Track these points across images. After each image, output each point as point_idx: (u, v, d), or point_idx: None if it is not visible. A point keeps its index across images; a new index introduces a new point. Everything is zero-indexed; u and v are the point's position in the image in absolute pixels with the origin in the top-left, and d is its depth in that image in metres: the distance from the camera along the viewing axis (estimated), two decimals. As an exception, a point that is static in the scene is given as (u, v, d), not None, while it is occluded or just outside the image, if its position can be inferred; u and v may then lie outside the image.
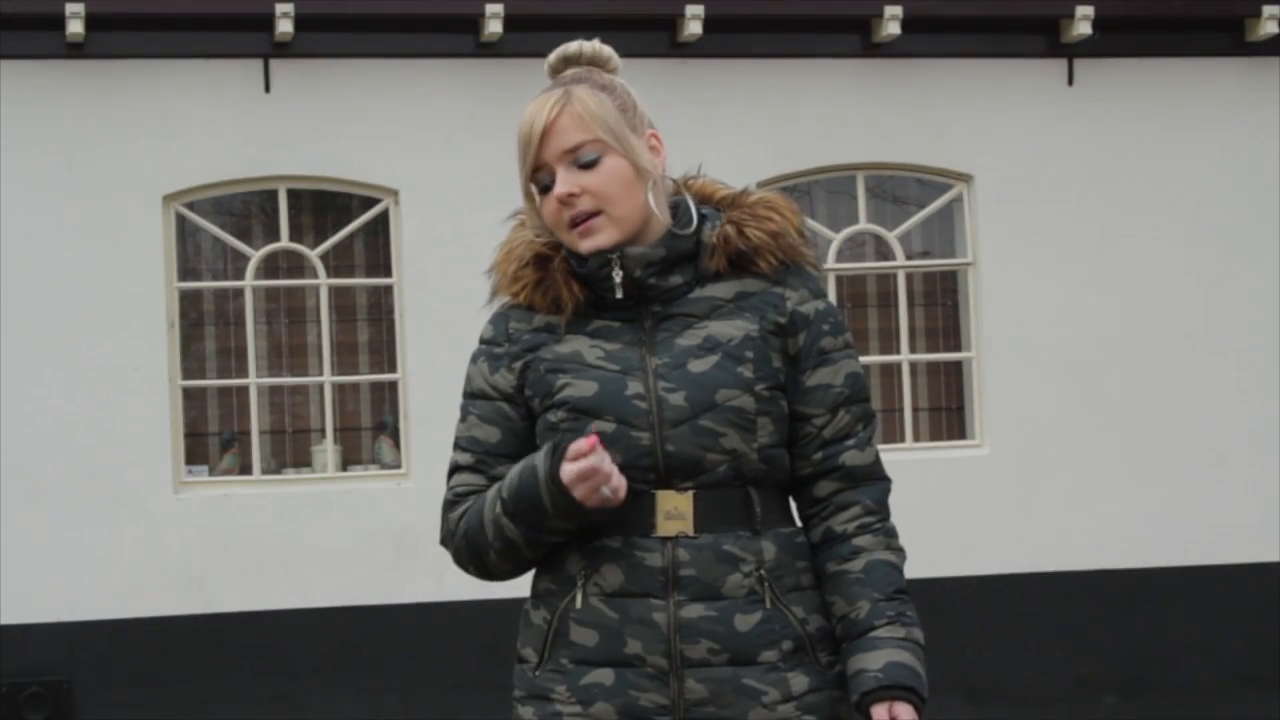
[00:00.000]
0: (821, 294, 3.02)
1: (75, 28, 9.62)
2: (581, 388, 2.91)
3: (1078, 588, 10.48)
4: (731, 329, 2.94)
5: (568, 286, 2.95)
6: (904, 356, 10.56)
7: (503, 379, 2.99)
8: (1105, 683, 10.51)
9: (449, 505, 3.01)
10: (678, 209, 3.01)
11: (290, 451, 10.29)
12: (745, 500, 2.91)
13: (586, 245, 2.93)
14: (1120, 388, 10.57)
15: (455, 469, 3.02)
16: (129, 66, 9.87)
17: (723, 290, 2.97)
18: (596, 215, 2.92)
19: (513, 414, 2.98)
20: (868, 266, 10.70)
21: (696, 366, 2.91)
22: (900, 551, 2.97)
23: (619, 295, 2.94)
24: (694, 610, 2.86)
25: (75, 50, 9.79)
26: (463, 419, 3.02)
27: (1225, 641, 10.57)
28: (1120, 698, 10.52)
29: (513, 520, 2.89)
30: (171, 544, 9.77)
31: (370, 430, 10.32)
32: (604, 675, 2.87)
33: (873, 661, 2.87)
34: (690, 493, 2.88)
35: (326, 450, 10.14)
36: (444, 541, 3.04)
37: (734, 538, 2.89)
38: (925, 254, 10.78)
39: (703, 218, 3.00)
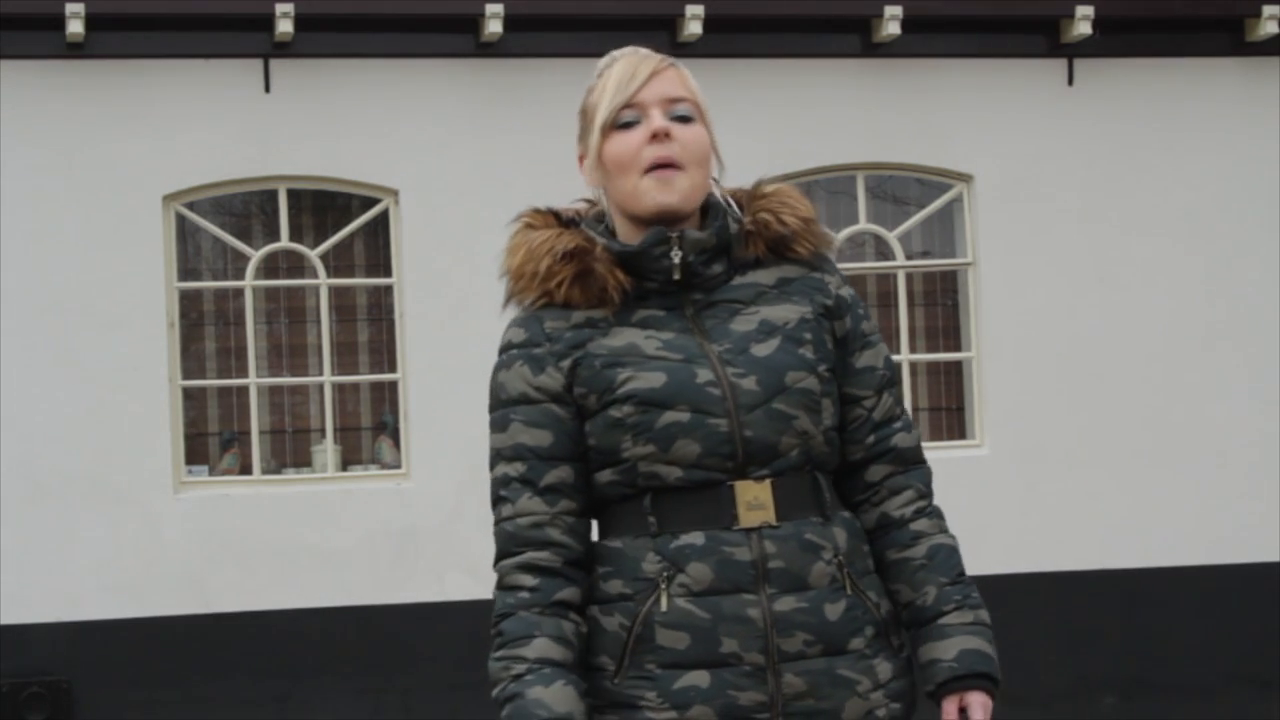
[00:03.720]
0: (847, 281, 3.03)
1: (75, 28, 9.61)
2: (648, 379, 2.82)
3: (1078, 588, 10.48)
4: (785, 312, 2.90)
5: (613, 275, 2.87)
6: (904, 356, 10.56)
7: (550, 379, 2.87)
8: (1105, 683, 10.50)
9: (508, 539, 2.88)
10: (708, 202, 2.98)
11: (290, 451, 10.28)
12: (815, 485, 2.87)
13: (661, 195, 2.86)
14: (1121, 388, 10.57)
15: (505, 481, 2.89)
16: (129, 66, 9.87)
17: (764, 277, 2.93)
18: (680, 168, 2.88)
19: (563, 414, 2.86)
20: (868, 266, 10.70)
21: (760, 350, 2.85)
22: (953, 535, 2.97)
23: (676, 276, 2.88)
24: (786, 603, 2.81)
25: (75, 50, 9.79)
26: (500, 429, 2.89)
27: (1225, 641, 10.56)
28: (1120, 698, 10.52)
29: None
30: (171, 544, 9.77)
31: (370, 430, 10.32)
32: (699, 677, 2.79)
33: (945, 651, 2.89)
34: (768, 481, 2.83)
35: (326, 450, 10.13)
36: (497, 564, 2.90)
37: (810, 525, 2.84)
38: (925, 254, 10.78)
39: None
